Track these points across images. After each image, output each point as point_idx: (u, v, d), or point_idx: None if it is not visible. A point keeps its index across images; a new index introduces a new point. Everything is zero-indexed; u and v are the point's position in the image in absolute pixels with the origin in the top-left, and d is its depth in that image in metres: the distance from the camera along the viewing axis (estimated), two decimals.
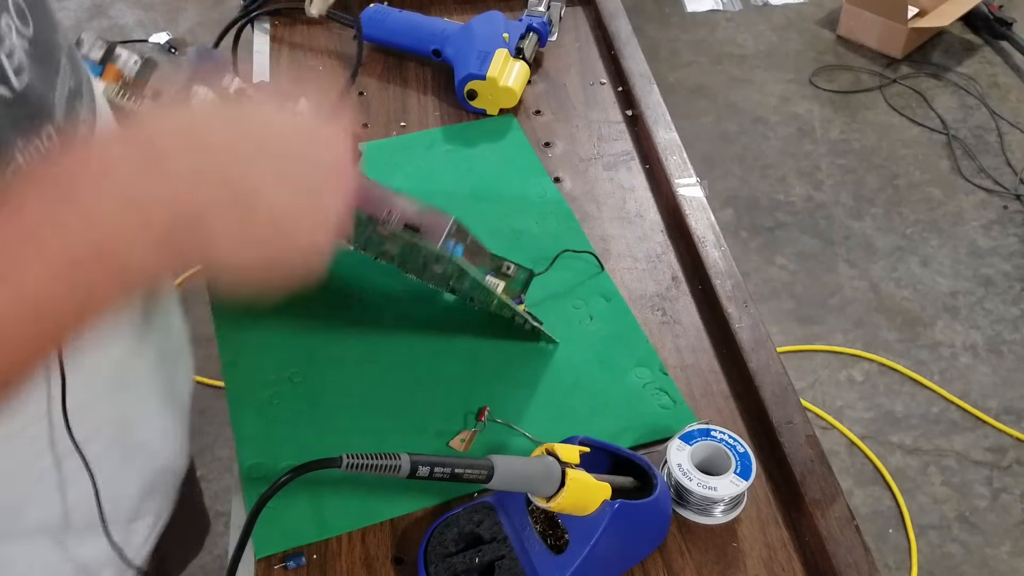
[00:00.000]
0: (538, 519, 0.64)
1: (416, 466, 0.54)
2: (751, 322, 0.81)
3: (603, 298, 0.85)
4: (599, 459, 0.67)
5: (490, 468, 0.56)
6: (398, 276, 0.86)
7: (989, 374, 2.05)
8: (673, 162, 0.97)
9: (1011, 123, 2.67)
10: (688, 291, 0.86)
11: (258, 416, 0.75)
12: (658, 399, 0.77)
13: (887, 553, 1.76)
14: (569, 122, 1.05)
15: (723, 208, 2.42)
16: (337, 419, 0.75)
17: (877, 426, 1.96)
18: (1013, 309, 2.19)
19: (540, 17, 1.12)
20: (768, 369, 0.77)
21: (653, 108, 1.04)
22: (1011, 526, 1.80)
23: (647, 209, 0.95)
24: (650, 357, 0.80)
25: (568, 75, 1.12)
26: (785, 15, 3.10)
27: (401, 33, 1.12)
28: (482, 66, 1.03)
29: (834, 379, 2.05)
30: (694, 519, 0.69)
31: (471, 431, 0.74)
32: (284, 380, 0.77)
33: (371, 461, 0.54)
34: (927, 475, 1.88)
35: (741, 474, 0.67)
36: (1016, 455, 1.91)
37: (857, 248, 2.33)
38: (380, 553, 0.67)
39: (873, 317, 2.17)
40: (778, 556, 0.67)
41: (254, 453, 0.73)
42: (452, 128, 1.04)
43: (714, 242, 0.88)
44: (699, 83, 2.83)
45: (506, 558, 0.63)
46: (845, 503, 0.68)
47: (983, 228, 2.38)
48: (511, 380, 0.78)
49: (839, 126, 2.68)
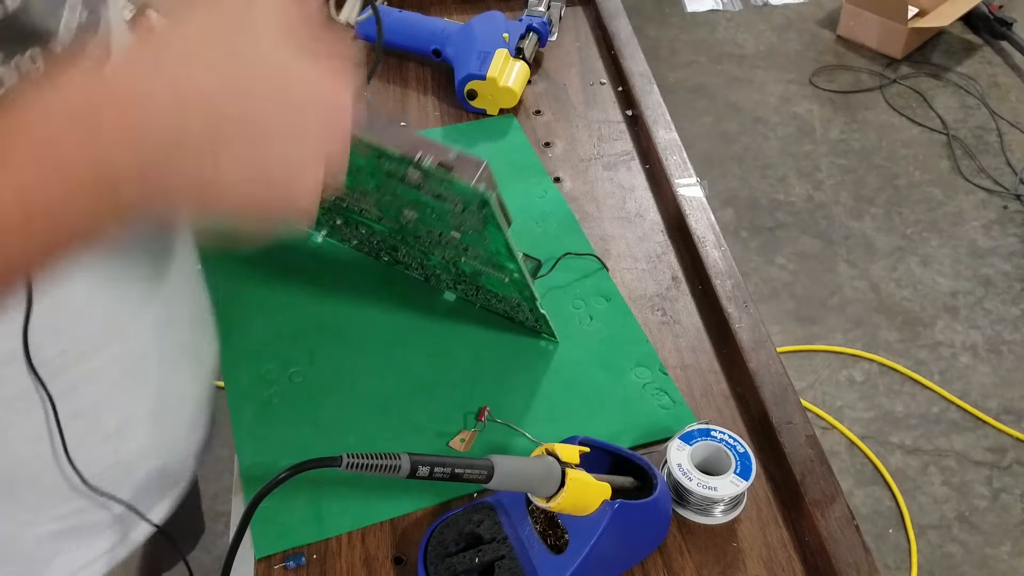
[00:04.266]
0: (538, 519, 0.64)
1: (416, 466, 0.54)
2: (751, 322, 0.81)
3: (603, 298, 0.85)
4: (599, 459, 0.67)
5: (490, 468, 0.56)
6: (398, 278, 0.86)
7: (989, 374, 2.05)
8: (673, 162, 0.97)
9: (1011, 123, 2.67)
10: (688, 291, 0.86)
11: (258, 415, 0.75)
12: (658, 399, 0.77)
13: (887, 553, 1.76)
14: (569, 122, 1.05)
15: (723, 208, 2.42)
16: (336, 419, 0.75)
17: (877, 426, 1.96)
18: (1013, 309, 2.19)
19: (540, 17, 1.12)
20: (768, 369, 0.77)
21: (653, 108, 1.04)
22: (1011, 526, 1.80)
23: (647, 209, 0.95)
24: (650, 357, 0.80)
25: (568, 75, 1.12)
26: (785, 15, 3.10)
27: (401, 33, 1.12)
28: (482, 66, 1.03)
29: (834, 379, 2.05)
30: (694, 519, 0.69)
31: (471, 431, 0.74)
32: (284, 380, 0.78)
33: (371, 461, 0.54)
34: (927, 475, 1.88)
35: (741, 474, 0.67)
36: (1016, 455, 1.91)
37: (857, 248, 2.33)
38: (380, 553, 0.67)
39: (873, 317, 2.17)
40: (778, 556, 0.67)
41: (253, 452, 0.73)
42: (453, 128, 1.04)
43: (714, 242, 0.88)
44: (699, 83, 2.83)
45: (506, 558, 0.63)
46: (845, 503, 0.68)
47: (983, 228, 2.38)
48: (511, 380, 0.78)
49: (839, 126, 2.68)
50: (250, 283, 0.85)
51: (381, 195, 0.72)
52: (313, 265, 0.87)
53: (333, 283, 0.85)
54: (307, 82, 0.46)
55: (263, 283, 0.85)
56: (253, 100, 0.44)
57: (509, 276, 0.74)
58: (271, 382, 0.78)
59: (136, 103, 0.42)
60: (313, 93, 0.46)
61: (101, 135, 0.42)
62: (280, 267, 0.86)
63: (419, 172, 0.65)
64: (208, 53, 0.44)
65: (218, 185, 0.44)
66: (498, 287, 0.77)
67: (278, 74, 0.45)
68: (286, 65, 0.46)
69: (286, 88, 0.45)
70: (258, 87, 0.44)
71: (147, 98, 0.42)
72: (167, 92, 0.42)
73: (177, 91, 0.42)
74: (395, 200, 0.71)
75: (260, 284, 0.85)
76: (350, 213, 0.80)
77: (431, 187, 0.67)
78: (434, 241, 0.75)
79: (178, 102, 0.42)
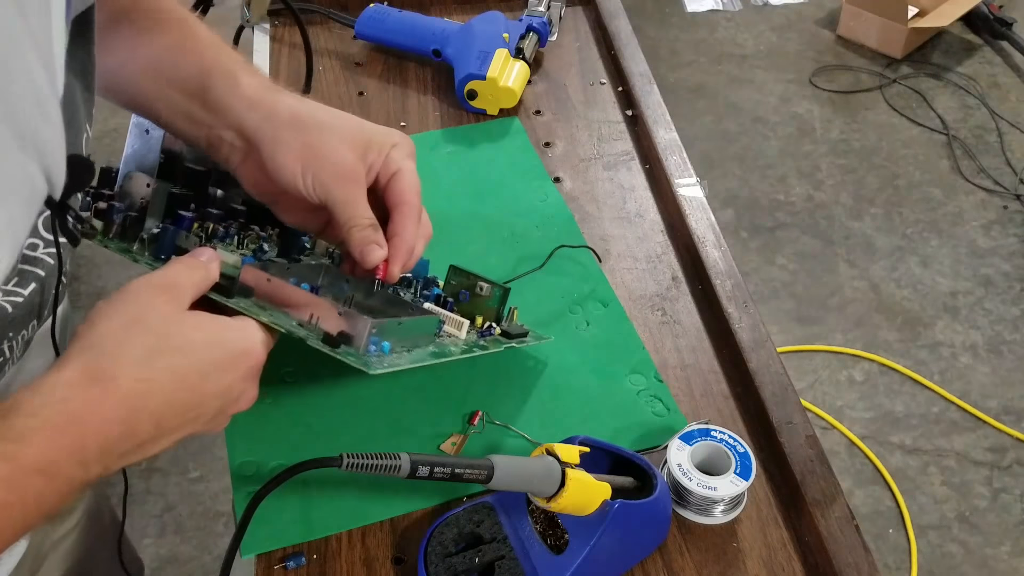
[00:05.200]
0: (538, 519, 0.64)
1: (416, 466, 0.55)
2: (751, 322, 0.81)
3: (600, 303, 0.85)
4: (599, 459, 0.67)
5: (490, 468, 0.56)
6: None
7: (989, 374, 2.05)
8: (673, 162, 0.97)
9: (1011, 123, 2.67)
10: (688, 291, 0.86)
11: (249, 414, 0.75)
12: (651, 406, 0.76)
13: (887, 553, 1.76)
14: (569, 122, 1.05)
15: (723, 208, 2.42)
16: (329, 419, 0.75)
17: (877, 426, 1.96)
18: (1013, 309, 2.19)
19: (540, 17, 1.12)
20: (768, 369, 0.77)
21: (653, 108, 1.04)
22: (1011, 526, 1.80)
23: (647, 209, 0.95)
24: (645, 364, 0.80)
25: (568, 75, 1.12)
26: (785, 15, 3.10)
27: (401, 33, 1.12)
28: (482, 66, 1.03)
29: (834, 379, 2.05)
30: (694, 519, 0.69)
31: (462, 435, 0.74)
32: (277, 379, 0.77)
33: (371, 461, 0.54)
34: (927, 475, 1.88)
35: (741, 474, 0.67)
36: (1016, 455, 1.91)
37: (857, 248, 2.33)
38: (380, 553, 0.67)
39: (873, 317, 2.17)
40: (778, 556, 0.68)
41: (245, 451, 0.73)
42: (455, 130, 1.04)
43: (714, 242, 0.88)
44: (699, 83, 2.83)
45: (506, 558, 0.63)
46: (845, 503, 0.68)
47: (983, 228, 2.38)
48: (505, 385, 0.78)
49: (839, 126, 2.68)
50: None
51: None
52: None
53: None
54: (218, 343, 0.55)
55: None
56: (194, 394, 0.53)
57: (466, 349, 0.70)
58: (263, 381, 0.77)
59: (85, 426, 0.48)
60: (232, 360, 0.55)
61: None
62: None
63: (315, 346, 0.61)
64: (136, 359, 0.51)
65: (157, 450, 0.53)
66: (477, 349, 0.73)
67: (197, 352, 0.53)
68: (199, 341, 0.54)
69: (207, 359, 0.54)
70: (197, 382, 0.53)
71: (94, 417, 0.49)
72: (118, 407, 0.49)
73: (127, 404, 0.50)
74: None
75: None
76: None
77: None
78: None
79: (128, 413, 0.49)
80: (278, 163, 0.65)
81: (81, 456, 0.48)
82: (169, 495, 1.83)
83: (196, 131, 0.67)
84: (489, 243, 0.90)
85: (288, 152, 0.64)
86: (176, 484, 1.84)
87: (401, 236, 0.66)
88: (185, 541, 1.76)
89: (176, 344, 0.52)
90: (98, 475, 0.49)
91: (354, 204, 0.65)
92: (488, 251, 0.89)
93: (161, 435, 0.52)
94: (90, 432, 0.48)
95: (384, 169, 0.67)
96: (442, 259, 0.77)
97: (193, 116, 0.67)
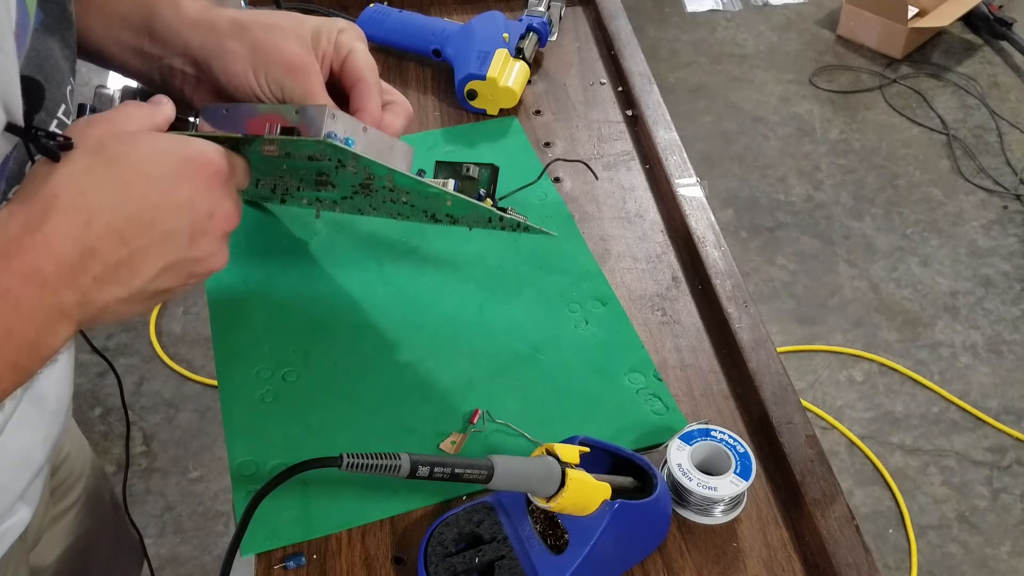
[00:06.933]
0: (538, 519, 0.64)
1: (416, 466, 0.55)
2: (751, 322, 0.81)
3: (599, 302, 0.84)
4: (599, 459, 0.67)
5: (490, 468, 0.56)
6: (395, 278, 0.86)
7: (989, 374, 2.05)
8: (673, 162, 0.97)
9: (1011, 123, 2.67)
10: (688, 291, 0.86)
11: (249, 413, 0.75)
12: (651, 405, 0.76)
13: (887, 553, 1.76)
14: (569, 122, 1.05)
15: (723, 208, 2.42)
16: (329, 419, 0.75)
17: (877, 426, 1.96)
18: (1013, 309, 2.19)
19: (540, 17, 1.12)
20: (768, 369, 0.77)
21: (653, 108, 1.04)
22: (1011, 526, 1.80)
23: (647, 209, 0.95)
24: (644, 363, 0.79)
25: (568, 75, 1.12)
26: (785, 15, 3.10)
27: (401, 33, 1.12)
28: (482, 66, 1.03)
29: (834, 379, 2.05)
30: (694, 519, 0.69)
31: (462, 434, 0.74)
32: (277, 379, 0.77)
33: (371, 461, 0.54)
34: (927, 475, 1.88)
35: (741, 474, 0.67)
36: (1016, 455, 1.91)
37: (857, 248, 2.33)
38: (380, 553, 0.67)
39: (873, 317, 2.17)
40: (778, 556, 0.68)
41: (244, 450, 0.73)
42: (455, 129, 1.04)
43: (714, 242, 0.88)
44: (699, 83, 2.83)
45: (506, 558, 0.63)
46: (845, 503, 0.68)
47: (983, 228, 2.38)
48: (503, 384, 0.78)
49: (839, 126, 2.68)
50: (245, 282, 0.85)
51: (291, 174, 0.69)
52: (309, 265, 0.87)
53: (328, 283, 0.85)
54: (166, 151, 0.52)
55: (258, 282, 0.85)
56: (145, 204, 0.50)
57: (453, 199, 0.70)
58: (264, 381, 0.77)
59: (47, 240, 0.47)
60: (183, 167, 0.52)
61: None
62: (276, 267, 0.86)
63: (273, 145, 0.61)
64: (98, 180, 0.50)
65: (143, 287, 0.51)
66: (462, 209, 0.72)
67: (154, 170, 0.51)
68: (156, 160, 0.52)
69: (155, 168, 0.51)
70: (145, 190, 0.50)
71: (53, 228, 0.47)
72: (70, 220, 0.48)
73: (79, 215, 0.48)
74: (302, 172, 0.68)
75: (255, 283, 0.85)
76: (296, 199, 0.77)
77: (296, 152, 0.63)
78: (370, 191, 0.71)
79: (82, 226, 0.48)
80: (229, 72, 0.64)
81: (39, 279, 0.46)
82: (169, 495, 1.83)
83: (148, 66, 0.67)
84: (489, 243, 0.90)
85: (236, 59, 0.64)
86: (176, 484, 1.84)
87: (364, 110, 0.66)
88: (185, 541, 1.76)
89: (117, 154, 0.51)
90: (78, 302, 0.48)
91: (312, 95, 0.65)
92: (487, 252, 0.89)
93: (134, 254, 0.50)
94: (39, 252, 0.46)
95: (336, 55, 0.67)
96: (442, 259, 0.77)
97: (143, 50, 0.66)
